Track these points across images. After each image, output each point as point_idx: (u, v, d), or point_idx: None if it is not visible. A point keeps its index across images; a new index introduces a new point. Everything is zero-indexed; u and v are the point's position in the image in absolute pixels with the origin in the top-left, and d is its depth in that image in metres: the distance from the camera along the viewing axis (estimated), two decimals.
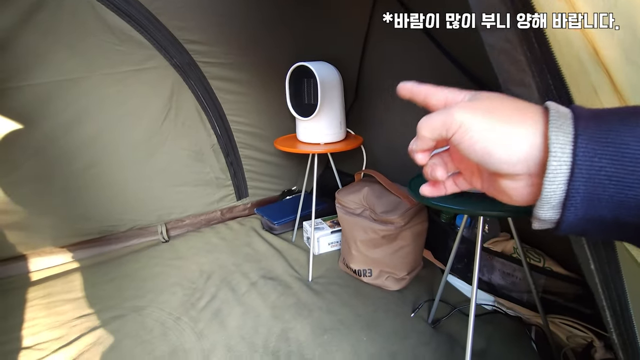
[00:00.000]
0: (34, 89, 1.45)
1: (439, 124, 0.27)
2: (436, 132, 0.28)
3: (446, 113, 0.27)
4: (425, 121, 0.29)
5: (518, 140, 0.25)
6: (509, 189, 0.28)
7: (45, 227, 1.70)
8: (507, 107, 0.27)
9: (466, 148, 0.27)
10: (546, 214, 0.26)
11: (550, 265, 1.19)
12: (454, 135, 0.27)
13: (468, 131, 0.26)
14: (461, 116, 0.27)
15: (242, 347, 1.23)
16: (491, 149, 0.26)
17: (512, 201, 0.29)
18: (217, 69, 1.75)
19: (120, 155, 1.74)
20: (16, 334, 1.32)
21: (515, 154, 0.25)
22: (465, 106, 0.27)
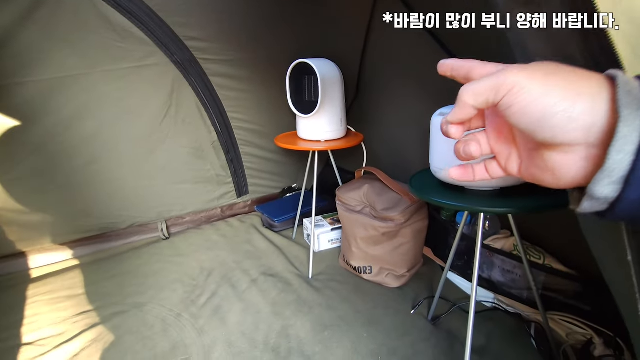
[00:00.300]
0: (35, 85, 1.44)
1: (487, 87, 0.25)
2: (482, 98, 0.26)
3: (497, 75, 0.25)
4: (469, 86, 0.26)
5: (581, 104, 0.23)
6: (557, 164, 0.25)
7: (46, 223, 1.70)
8: (566, 72, 0.25)
9: (518, 112, 0.24)
10: (604, 190, 0.23)
11: (550, 263, 1.19)
12: (504, 98, 0.25)
13: (523, 92, 0.24)
14: (516, 76, 0.24)
15: (243, 343, 1.23)
16: (549, 112, 0.23)
17: (556, 180, 0.26)
18: (218, 66, 1.74)
19: (121, 152, 1.74)
20: (17, 331, 1.33)
21: (577, 118, 0.23)
22: (520, 67, 0.25)
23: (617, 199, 0.23)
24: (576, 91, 0.23)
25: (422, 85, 1.54)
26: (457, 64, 0.30)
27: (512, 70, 0.25)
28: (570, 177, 0.25)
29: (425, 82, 1.52)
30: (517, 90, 0.24)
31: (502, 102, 0.25)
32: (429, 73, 1.47)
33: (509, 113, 0.25)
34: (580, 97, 0.23)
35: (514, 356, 1.13)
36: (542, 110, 0.24)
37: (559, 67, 0.25)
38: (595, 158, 0.24)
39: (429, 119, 1.05)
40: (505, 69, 0.25)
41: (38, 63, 1.42)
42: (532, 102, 0.24)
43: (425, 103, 1.41)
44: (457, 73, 0.30)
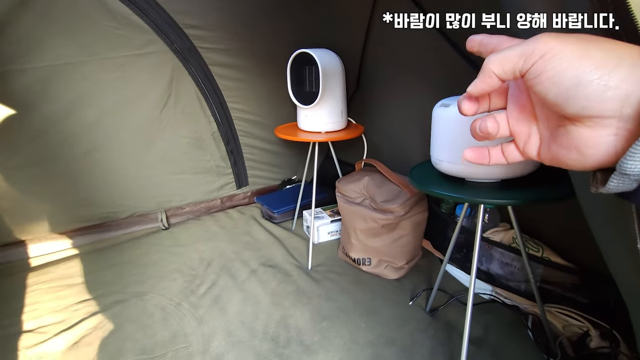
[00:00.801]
0: (34, 72, 1.43)
1: (516, 53, 0.24)
2: (509, 65, 0.24)
3: (527, 42, 0.24)
4: (495, 54, 0.25)
5: (621, 71, 0.21)
6: (585, 141, 0.24)
7: (46, 212, 1.70)
8: (604, 40, 0.23)
9: (549, 79, 0.23)
10: (638, 165, 0.22)
11: (549, 255, 1.19)
12: (534, 65, 0.23)
13: (557, 57, 0.22)
14: (549, 40, 0.23)
15: (242, 332, 1.24)
16: (584, 79, 0.22)
17: (582, 159, 0.25)
18: (218, 55, 1.73)
19: (121, 140, 1.73)
20: (18, 318, 1.33)
21: (614, 88, 0.21)
22: (553, 34, 0.23)
23: None
24: (616, 57, 0.22)
25: (424, 77, 1.53)
26: (485, 39, 0.29)
27: (545, 36, 0.23)
28: (598, 154, 0.24)
29: (426, 74, 1.51)
30: (550, 56, 0.23)
31: (532, 69, 0.23)
32: (431, 65, 1.47)
33: (537, 81, 0.24)
34: (619, 64, 0.22)
35: (511, 347, 1.14)
36: (576, 77, 0.22)
37: (595, 36, 0.24)
38: (627, 132, 0.22)
39: (430, 111, 1.04)
40: (536, 36, 0.24)
41: (36, 50, 1.40)
42: (565, 68, 0.22)
43: (426, 95, 1.40)
44: (485, 48, 0.29)
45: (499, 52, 0.25)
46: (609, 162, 0.24)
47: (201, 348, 1.18)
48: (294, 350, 1.16)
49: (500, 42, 0.28)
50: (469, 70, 1.24)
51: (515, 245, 1.27)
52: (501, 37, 0.28)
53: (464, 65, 1.26)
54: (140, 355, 1.15)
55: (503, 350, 1.13)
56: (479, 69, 0.78)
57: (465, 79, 0.29)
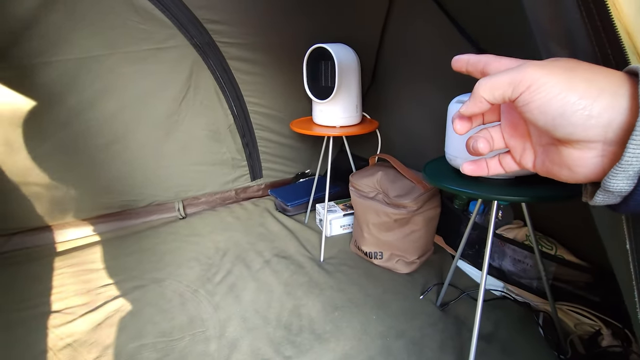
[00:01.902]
0: (61, 65, 1.49)
1: (505, 82, 0.25)
2: (498, 92, 0.25)
3: (515, 71, 0.25)
4: (486, 80, 0.26)
5: (602, 101, 0.23)
6: (574, 161, 0.26)
7: (70, 199, 1.78)
8: (586, 69, 0.25)
9: (536, 108, 0.24)
10: (619, 184, 0.24)
11: (562, 254, 1.19)
12: (522, 95, 0.25)
13: (542, 89, 0.24)
14: (535, 72, 0.24)
15: (256, 319, 1.29)
16: (568, 110, 0.23)
17: (573, 176, 0.27)
18: (236, 49, 1.75)
19: (142, 132, 1.79)
20: (46, 299, 1.41)
21: (596, 116, 0.23)
22: (539, 64, 0.25)
23: (630, 193, 0.24)
24: (597, 88, 0.23)
25: (440, 73, 1.52)
26: (472, 58, 0.30)
27: (531, 66, 0.24)
28: (587, 172, 0.26)
29: (443, 70, 1.50)
30: (536, 87, 0.24)
31: (520, 98, 0.25)
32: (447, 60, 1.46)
33: (526, 109, 0.25)
34: (601, 94, 0.23)
35: (520, 344, 1.15)
36: (562, 108, 0.24)
37: (579, 63, 0.25)
38: (611, 154, 0.24)
39: (446, 107, 1.05)
40: (523, 65, 0.25)
41: (64, 44, 1.46)
42: (551, 99, 0.24)
43: (442, 90, 1.40)
44: (474, 68, 0.30)
45: (489, 78, 0.26)
46: (598, 177, 0.25)
47: (217, 333, 1.22)
48: (306, 338, 1.20)
49: (488, 61, 0.29)
50: None
51: (529, 243, 1.27)
52: (489, 57, 0.29)
53: None
54: (160, 337, 1.21)
55: (513, 347, 1.14)
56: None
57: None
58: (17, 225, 1.73)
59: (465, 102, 0.28)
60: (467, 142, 0.30)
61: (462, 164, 0.33)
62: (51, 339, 1.21)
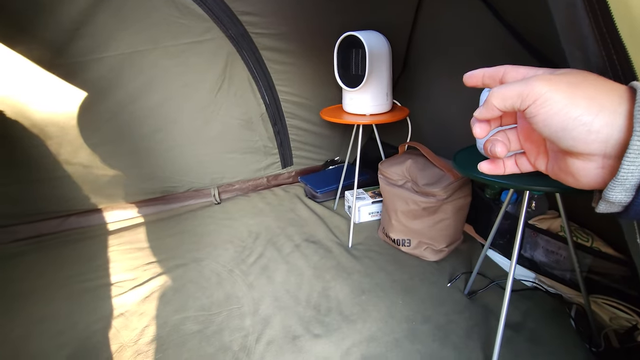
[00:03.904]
0: (109, 60, 1.61)
1: (514, 93, 0.26)
2: (508, 102, 0.27)
3: (524, 83, 0.26)
4: (498, 90, 0.27)
5: (602, 118, 0.24)
6: (578, 170, 0.27)
7: (119, 184, 1.94)
8: (591, 84, 0.26)
9: (541, 121, 0.26)
10: (617, 196, 0.25)
11: (599, 246, 1.15)
12: (529, 107, 0.26)
13: (547, 104, 0.25)
14: (541, 87, 0.25)
15: (287, 299, 1.36)
16: (569, 125, 0.25)
17: (578, 183, 0.28)
18: (268, 40, 1.80)
19: (181, 122, 1.89)
20: (100, 273, 1.57)
21: (596, 132, 0.24)
22: (546, 78, 0.26)
23: (630, 204, 0.25)
24: (598, 105, 0.25)
25: (473, 60, 1.48)
26: (488, 72, 0.31)
27: (539, 81, 0.26)
28: (590, 181, 0.27)
29: (476, 57, 1.47)
30: (541, 102, 0.25)
31: (527, 111, 0.26)
32: (480, 47, 1.42)
33: (533, 121, 0.27)
34: (601, 112, 0.24)
35: (549, 335, 1.14)
36: (564, 123, 0.25)
37: (587, 77, 0.26)
38: (610, 167, 0.25)
39: (477, 96, 1.03)
40: (532, 78, 0.26)
41: (111, 40, 1.57)
42: (554, 114, 0.25)
43: None
44: (491, 80, 0.31)
45: (501, 88, 0.27)
46: (601, 186, 0.27)
47: (251, 309, 1.31)
48: (334, 318, 1.26)
49: (506, 71, 0.30)
50: (522, 54, 1.19)
51: (563, 234, 1.24)
52: (506, 67, 0.30)
53: (517, 48, 1.21)
54: (200, 311, 1.32)
55: (541, 337, 1.13)
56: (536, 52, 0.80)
57: (519, 63, 0.31)
58: (72, 207, 1.91)
59: (479, 108, 0.30)
60: (485, 144, 0.32)
61: (479, 164, 0.34)
62: (107, 308, 1.36)
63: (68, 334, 1.25)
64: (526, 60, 1.16)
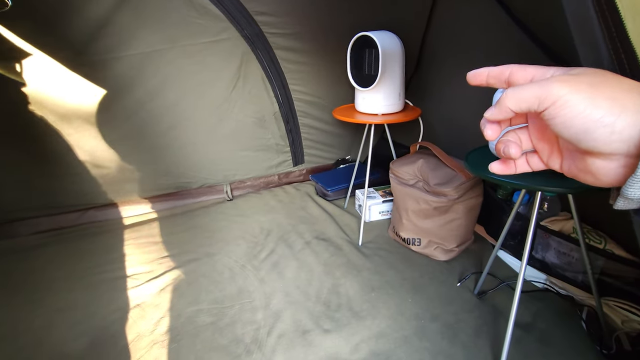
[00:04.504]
0: (129, 59, 1.66)
1: (531, 95, 0.26)
2: (524, 105, 0.26)
3: (541, 85, 0.25)
4: (513, 92, 0.26)
5: (624, 119, 0.24)
6: (598, 169, 0.27)
7: (135, 180, 1.99)
8: (611, 84, 0.25)
9: (560, 124, 0.25)
10: (636, 192, 0.25)
11: (612, 248, 1.15)
12: (547, 110, 0.25)
13: (567, 105, 0.24)
14: (560, 89, 0.25)
15: (298, 295, 1.39)
16: (591, 127, 0.24)
17: (597, 181, 0.28)
18: (282, 39, 1.82)
19: (196, 119, 1.94)
20: (117, 265, 1.62)
21: (618, 133, 0.24)
22: (565, 79, 0.25)
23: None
24: (620, 106, 0.24)
25: (486, 60, 1.48)
26: (493, 71, 0.30)
27: (557, 82, 0.25)
28: (610, 180, 0.27)
29: (489, 57, 1.46)
30: (561, 103, 0.25)
31: (545, 112, 0.26)
32: (494, 47, 1.42)
33: (551, 123, 0.26)
34: (623, 112, 0.24)
35: (559, 336, 1.14)
36: (585, 125, 0.24)
37: (606, 77, 0.26)
38: (633, 166, 0.25)
39: (490, 96, 1.04)
40: (550, 80, 0.26)
41: (131, 40, 1.61)
42: (575, 116, 0.25)
43: None
44: (496, 79, 0.30)
45: (516, 90, 0.26)
46: (621, 184, 0.27)
47: (263, 304, 1.34)
48: (344, 314, 1.28)
49: (513, 71, 0.30)
50: (536, 54, 1.18)
51: (575, 236, 1.23)
52: (513, 67, 0.30)
53: (531, 47, 1.21)
54: (213, 304, 1.35)
55: (551, 337, 1.13)
56: (550, 51, 0.80)
57: (534, 63, 0.31)
58: (90, 202, 1.97)
59: (490, 109, 0.29)
60: (497, 146, 0.31)
61: (490, 164, 0.34)
62: (123, 300, 1.41)
63: (87, 323, 1.30)
64: (540, 59, 1.16)
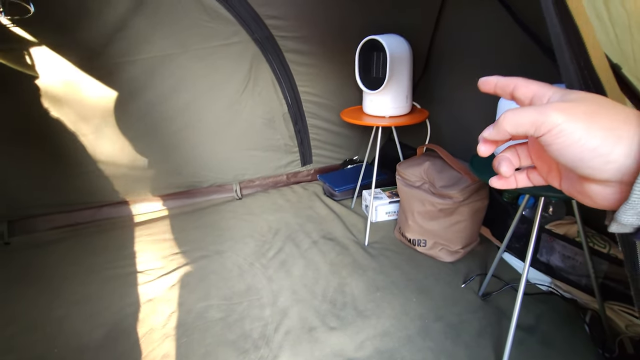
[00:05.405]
0: (142, 63, 1.71)
1: (527, 121, 0.26)
2: (521, 129, 0.26)
3: (539, 111, 0.26)
4: (511, 115, 0.27)
5: (619, 149, 0.24)
6: (595, 193, 0.27)
7: (148, 178, 2.05)
8: (607, 113, 0.25)
9: (556, 151, 0.26)
10: (629, 219, 0.26)
11: (616, 252, 1.16)
12: (544, 136, 0.26)
13: (562, 134, 0.25)
14: (557, 117, 0.25)
15: (305, 293, 1.42)
16: (586, 157, 0.25)
17: (594, 204, 0.28)
18: (292, 42, 1.86)
19: (207, 120, 1.99)
20: (130, 261, 1.68)
21: (614, 162, 0.24)
22: (562, 107, 0.25)
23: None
24: (616, 136, 0.24)
25: (493, 65, 1.50)
26: (501, 81, 0.31)
27: (554, 110, 0.25)
28: (607, 204, 0.27)
29: (497, 62, 1.48)
30: (557, 131, 0.25)
31: (542, 139, 0.26)
32: (501, 52, 1.44)
33: (548, 149, 0.26)
34: (619, 143, 0.24)
35: (561, 338, 1.15)
36: (581, 154, 0.25)
37: (602, 105, 0.26)
38: (627, 193, 0.25)
39: (497, 100, 1.06)
40: (547, 106, 0.26)
41: (145, 44, 1.67)
42: (570, 144, 0.25)
43: None
44: (502, 91, 0.31)
45: (514, 114, 0.27)
46: (617, 208, 0.27)
47: (270, 301, 1.38)
48: (349, 313, 1.31)
49: (517, 85, 0.30)
50: (541, 58, 1.20)
51: (580, 239, 1.24)
52: (518, 80, 0.30)
53: (536, 52, 1.22)
54: (223, 300, 1.40)
55: (553, 340, 1.15)
56: (554, 57, 0.83)
57: (538, 67, 0.33)
58: (105, 199, 2.04)
59: (488, 128, 0.29)
60: (493, 163, 0.32)
61: (490, 179, 0.35)
62: (136, 294, 1.46)
63: (102, 316, 1.35)
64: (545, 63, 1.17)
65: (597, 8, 0.56)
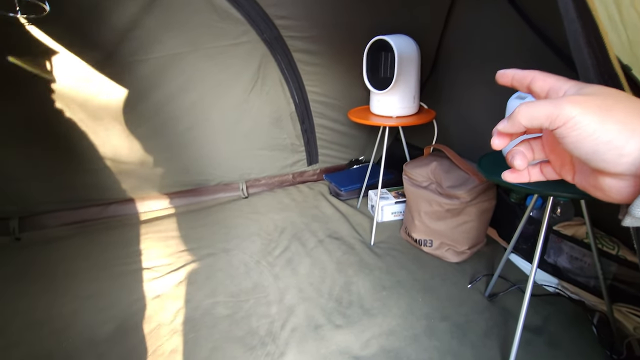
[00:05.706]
0: (153, 62, 1.73)
1: (543, 114, 0.26)
2: (536, 122, 0.27)
3: (554, 104, 0.26)
4: (526, 108, 0.27)
5: (633, 144, 0.24)
6: (609, 187, 0.27)
7: (156, 176, 2.07)
8: (622, 106, 0.25)
9: (571, 143, 0.26)
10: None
11: (625, 254, 1.15)
12: (558, 129, 0.26)
13: (577, 127, 0.25)
14: (572, 110, 0.25)
15: (311, 291, 1.43)
16: (600, 149, 0.25)
17: (607, 197, 0.28)
18: (301, 42, 1.87)
19: (214, 119, 2.00)
20: (138, 258, 1.69)
21: (628, 155, 0.24)
22: (577, 100, 0.25)
23: None
24: (630, 130, 0.24)
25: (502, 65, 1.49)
26: (518, 74, 0.31)
27: (569, 103, 0.25)
28: (620, 198, 0.27)
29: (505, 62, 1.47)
30: (572, 124, 0.25)
31: (556, 132, 0.26)
32: (510, 53, 1.44)
33: (562, 142, 0.26)
34: (633, 136, 0.24)
35: (568, 339, 1.15)
36: (595, 147, 0.25)
37: (617, 99, 0.26)
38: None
39: (505, 101, 1.06)
40: (562, 99, 0.26)
41: (155, 43, 1.68)
42: (584, 138, 0.25)
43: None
44: (519, 83, 0.31)
45: (529, 107, 0.27)
46: (630, 201, 0.27)
47: (277, 299, 1.39)
48: (355, 311, 1.32)
49: (534, 78, 0.30)
50: (551, 59, 1.19)
51: (588, 241, 1.24)
52: (535, 74, 0.30)
53: (546, 53, 1.22)
54: (230, 297, 1.41)
55: (560, 341, 1.15)
56: (564, 56, 0.87)
57: (547, 67, 0.32)
58: (113, 197, 2.06)
59: (503, 121, 0.29)
60: (507, 155, 0.32)
61: (503, 172, 0.34)
62: (144, 290, 1.47)
63: (111, 311, 1.37)
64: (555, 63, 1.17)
65: (609, 9, 0.56)
